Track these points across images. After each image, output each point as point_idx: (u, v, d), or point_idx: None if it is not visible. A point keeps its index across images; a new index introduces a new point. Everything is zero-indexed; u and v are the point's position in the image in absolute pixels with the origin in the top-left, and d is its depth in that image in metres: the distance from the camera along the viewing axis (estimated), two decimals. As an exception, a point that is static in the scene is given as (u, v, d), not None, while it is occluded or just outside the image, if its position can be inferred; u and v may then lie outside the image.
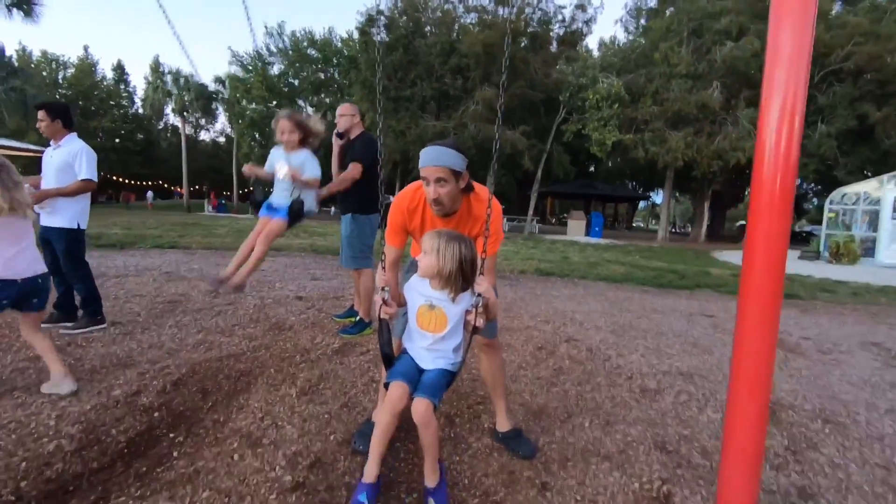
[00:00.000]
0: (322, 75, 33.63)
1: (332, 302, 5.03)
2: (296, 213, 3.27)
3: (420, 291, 1.76)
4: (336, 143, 3.91)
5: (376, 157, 3.72)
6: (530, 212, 21.66)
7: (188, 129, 39.65)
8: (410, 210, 1.98)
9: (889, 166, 17.38)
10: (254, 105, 31.78)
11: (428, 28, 19.05)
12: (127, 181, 39.90)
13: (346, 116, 3.80)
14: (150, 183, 43.54)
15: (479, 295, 1.67)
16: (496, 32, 16.56)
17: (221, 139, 51.87)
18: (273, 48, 33.75)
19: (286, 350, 3.30)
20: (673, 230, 48.85)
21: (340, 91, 33.11)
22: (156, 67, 35.12)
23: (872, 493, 1.97)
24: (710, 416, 2.66)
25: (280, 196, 3.29)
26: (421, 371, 1.74)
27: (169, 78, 34.48)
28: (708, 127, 18.45)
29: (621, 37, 27.77)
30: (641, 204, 54.83)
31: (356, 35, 28.31)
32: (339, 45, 33.64)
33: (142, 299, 4.52)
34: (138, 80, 46.63)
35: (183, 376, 2.73)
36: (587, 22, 18.77)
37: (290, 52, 33.25)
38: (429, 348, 1.74)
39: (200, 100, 35.57)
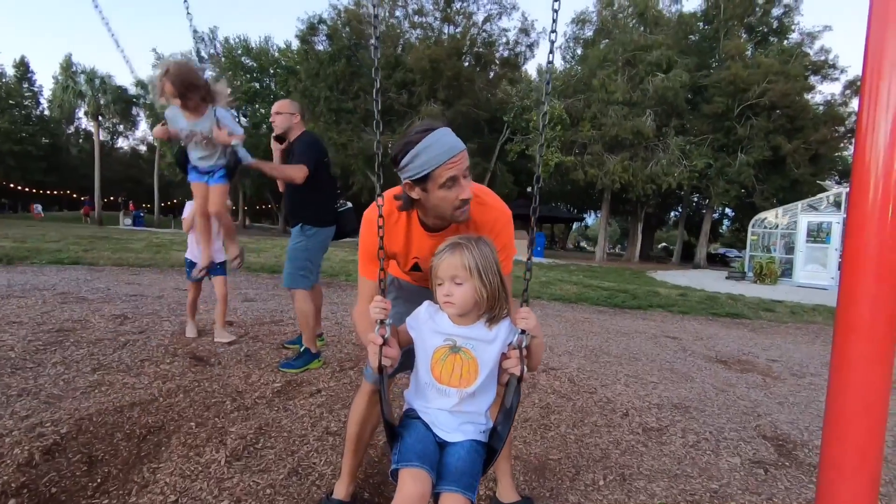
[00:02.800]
0: (257, 85, 32.09)
1: (269, 328, 4.31)
2: (233, 169, 3.18)
3: (435, 326, 1.22)
4: (276, 149, 3.30)
5: (323, 161, 3.17)
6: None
7: (103, 135, 36.25)
8: (388, 224, 1.40)
9: (798, 194, 19.03)
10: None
11: (372, 41, 18.57)
12: (27, 189, 35.68)
13: (284, 115, 3.19)
14: (55, 192, 39.24)
15: (524, 332, 1.16)
16: (442, 49, 16.45)
17: (142, 147, 48.05)
18: (204, 54, 31.86)
19: (212, 393, 2.59)
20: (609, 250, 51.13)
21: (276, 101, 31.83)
22: (67, 66, 31.89)
23: (948, 560, 1.66)
24: (730, 461, 2.30)
25: (205, 159, 3.10)
26: (441, 444, 1.19)
27: (82, 78, 31.45)
28: (642, 152, 19.33)
29: (559, 63, 28.88)
30: (574, 225, 57.03)
31: (295, 44, 27.36)
32: (276, 54, 32.37)
33: (19, 327, 3.56)
34: (45, 80, 42.38)
35: (62, 438, 1.98)
36: (530, 46, 19.24)
37: (224, 59, 31.51)
38: (452, 410, 1.20)
39: (118, 103, 32.67)
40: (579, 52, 26.47)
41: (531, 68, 37.91)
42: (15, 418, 2.14)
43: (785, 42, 22.28)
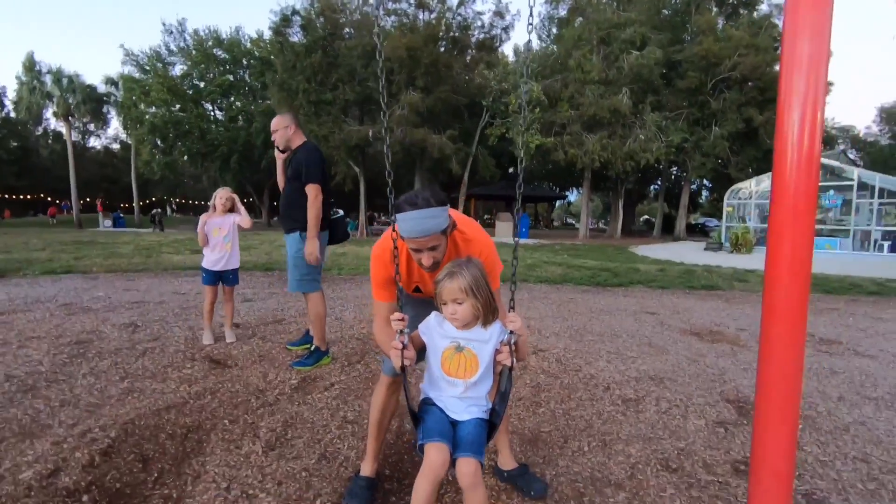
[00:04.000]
0: (231, 77, 31.50)
1: (274, 327, 4.57)
2: None
3: (443, 332, 1.52)
4: (279, 157, 3.53)
5: (325, 169, 3.42)
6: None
7: (74, 136, 35.34)
8: (394, 258, 1.72)
9: (770, 164, 19.54)
10: (153, 109, 28.98)
11: (347, 30, 18.48)
12: (-1, 195, 34.82)
13: (280, 131, 3.43)
14: (28, 197, 38.33)
15: (512, 332, 1.47)
16: (419, 36, 16.43)
17: (115, 146, 46.95)
18: (173, 47, 31.10)
19: (236, 393, 2.87)
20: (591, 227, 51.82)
21: (253, 93, 31.27)
22: (30, 66, 30.87)
23: (867, 491, 2.03)
24: (696, 423, 2.67)
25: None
26: (453, 423, 1.50)
27: (49, 78, 30.52)
28: (620, 130, 19.68)
29: (535, 44, 28.90)
30: (557, 203, 57.61)
31: (267, 35, 26.90)
32: (249, 45, 31.74)
33: (40, 342, 3.78)
34: (8, 81, 40.93)
35: (114, 441, 2.25)
36: (505, 28, 19.28)
37: (194, 51, 30.80)
38: (460, 397, 1.51)
39: (89, 102, 31.86)
40: (554, 31, 26.56)
41: (507, 50, 37.85)
42: (64, 427, 2.39)
43: (755, 14, 22.63)
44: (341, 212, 3.66)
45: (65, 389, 2.85)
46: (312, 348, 3.46)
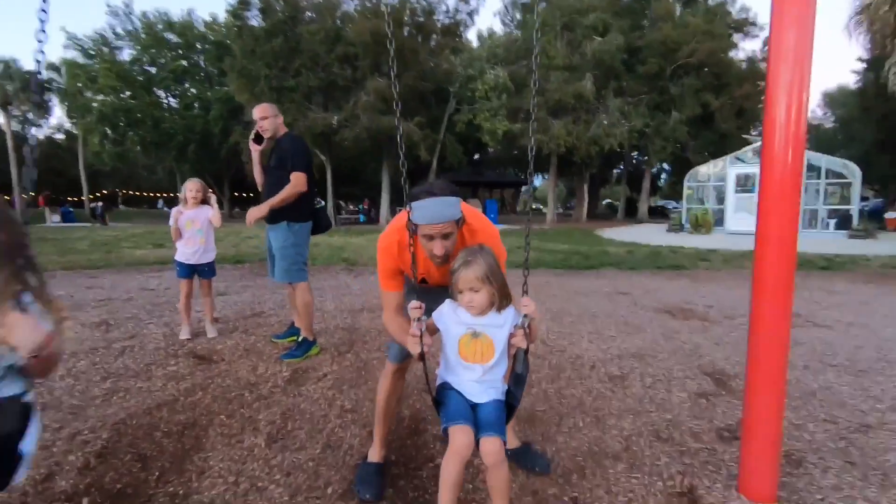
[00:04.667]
0: (185, 62, 30.06)
1: (255, 320, 4.49)
2: None
3: (458, 319, 1.55)
4: (254, 149, 3.43)
5: (310, 157, 3.37)
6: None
7: (14, 125, 33.02)
8: (402, 248, 1.73)
9: (726, 147, 20.42)
10: (101, 96, 27.38)
11: (308, 14, 17.90)
12: (-69, 191, 32.23)
13: (270, 118, 3.34)
14: (-35, 191, 35.70)
15: (526, 315, 1.52)
16: (383, 21, 16.05)
17: (60, 136, 44.17)
18: (120, 30, 29.34)
19: (228, 388, 2.82)
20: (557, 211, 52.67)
21: (209, 80, 29.98)
22: (-40, 50, 28.57)
23: (837, 449, 2.21)
24: (679, 396, 2.81)
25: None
26: (472, 406, 1.54)
27: (-18, 64, 28.38)
28: (584, 115, 20.02)
29: (499, 29, 28.88)
30: (523, 188, 58.22)
31: (222, 17, 25.78)
32: (203, 29, 30.33)
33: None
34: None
35: (108, 442, 2.18)
36: (470, 14, 19.17)
37: (143, 35, 29.17)
38: (479, 381, 1.55)
39: (28, 90, 29.80)
40: (518, 16, 26.59)
41: (472, 36, 37.61)
42: (50, 430, 2.30)
43: (710, 1, 23.32)
44: (323, 203, 3.62)
45: (43, 392, 2.73)
46: (300, 339, 3.43)
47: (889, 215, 18.56)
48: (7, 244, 1.01)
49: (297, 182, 3.20)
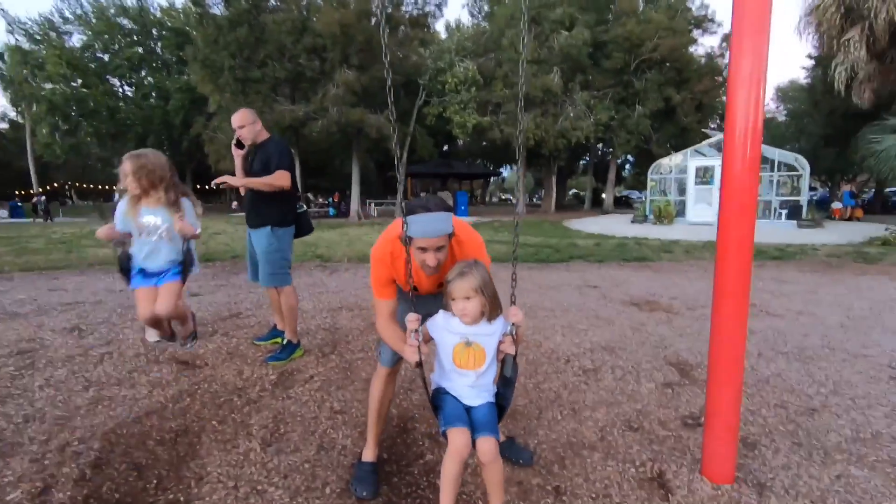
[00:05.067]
0: (140, 49, 28.74)
1: (233, 322, 4.49)
2: (188, 265, 2.83)
3: (452, 330, 1.67)
4: (237, 155, 3.42)
5: (293, 160, 3.40)
6: (399, 196, 21.78)
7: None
8: (395, 259, 1.85)
9: (687, 141, 21.19)
10: (50, 84, 25.92)
11: (273, 2, 17.41)
12: None
13: (248, 126, 3.34)
14: None
15: (513, 324, 1.65)
16: (351, 12, 15.86)
17: (3, 125, 41.57)
18: (68, 14, 27.79)
19: (216, 393, 2.86)
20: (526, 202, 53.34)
21: (167, 68, 28.83)
22: None
23: (787, 431, 2.45)
24: (648, 386, 3.03)
25: (157, 257, 2.73)
26: (466, 409, 1.66)
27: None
28: (552, 109, 20.36)
29: (466, 20, 28.87)
30: (491, 179, 58.71)
31: (180, 3, 24.81)
32: (159, 14, 29.07)
33: (-24, 355, 3.49)
34: None
35: (100, 453, 2.21)
36: (438, 5, 19.10)
37: (94, 20, 27.71)
38: (472, 385, 1.67)
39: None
40: (486, 8, 26.65)
41: (440, 27, 37.44)
42: (37, 443, 2.31)
43: (671, -3, 23.98)
44: (305, 206, 3.66)
45: (24, 404, 2.71)
46: (284, 342, 3.48)
47: (835, 205, 19.73)
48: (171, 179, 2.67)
49: (280, 176, 3.21)
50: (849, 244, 10.49)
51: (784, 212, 15.94)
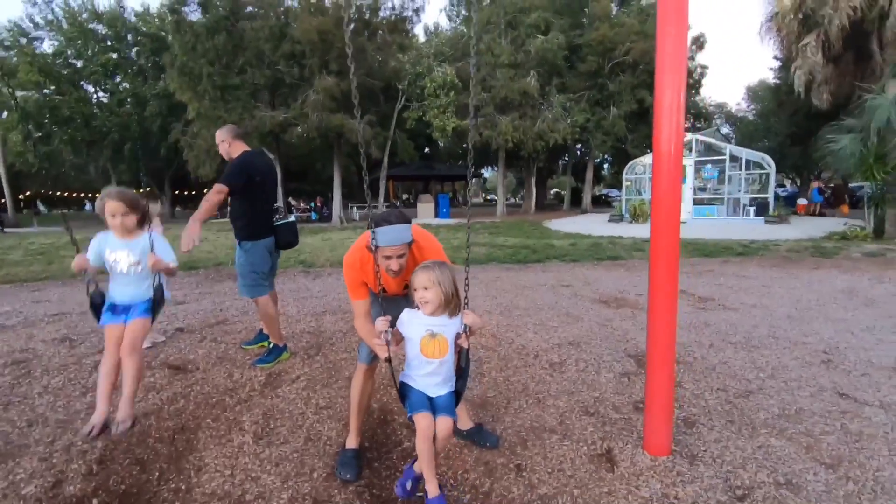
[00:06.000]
0: (115, 55, 28.34)
1: (220, 328, 4.68)
2: (158, 302, 2.70)
3: (418, 323, 1.92)
4: None
5: (253, 178, 3.47)
6: (381, 199, 21.96)
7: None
8: (363, 264, 2.15)
9: (660, 141, 21.75)
10: (22, 92, 25.42)
11: (250, 9, 17.47)
12: None
13: (219, 145, 3.61)
14: None
15: (466, 325, 1.93)
16: (329, 19, 16.01)
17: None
18: (39, 19, 27.29)
19: (209, 394, 3.07)
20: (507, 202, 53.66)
21: (144, 75, 28.48)
22: None
23: (724, 411, 2.77)
24: (606, 376, 3.33)
25: (127, 292, 2.62)
26: (429, 398, 1.92)
27: None
28: (530, 111, 20.78)
29: (444, 24, 29.20)
30: (473, 180, 59.14)
31: (154, 9, 24.58)
32: (134, 19, 28.70)
33: (-28, 366, 3.63)
34: None
35: (104, 450, 2.41)
36: (416, 11, 19.37)
37: (66, 25, 27.26)
38: (433, 373, 1.93)
39: (-66, 84, 27.14)
40: (464, 12, 27.00)
41: (419, 32, 37.65)
42: (43, 444, 2.50)
43: (643, 1, 24.63)
44: (292, 218, 3.84)
45: (25, 410, 2.89)
46: (271, 346, 3.70)
47: (800, 201, 20.54)
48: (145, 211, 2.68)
49: (213, 191, 3.27)
50: (809, 239, 11.05)
51: (753, 208, 16.58)
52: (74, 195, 44.71)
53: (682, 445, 2.37)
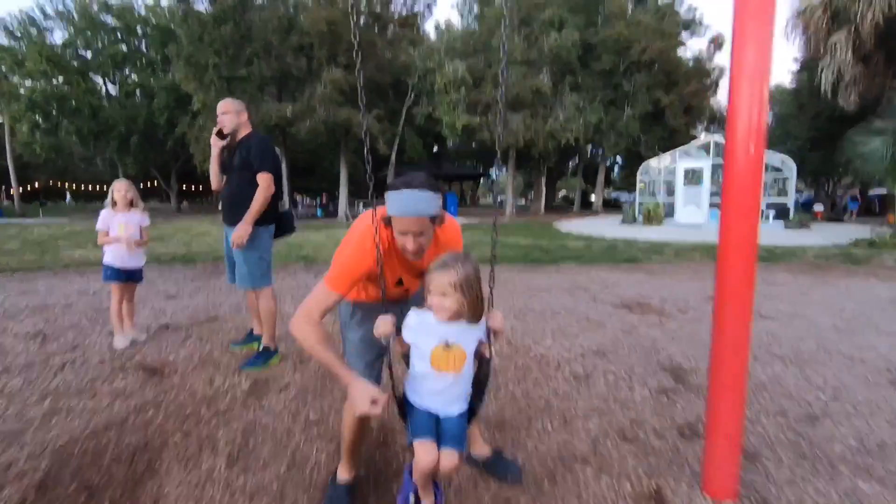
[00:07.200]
0: (124, 47, 28.17)
1: (209, 326, 4.29)
2: None
3: (430, 332, 1.50)
4: (216, 144, 3.23)
5: (277, 158, 3.24)
6: (372, 198, 21.58)
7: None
8: (374, 248, 1.60)
9: (675, 142, 21.26)
10: (30, 82, 25.29)
11: (259, 1, 17.12)
12: None
13: (230, 114, 3.17)
14: None
15: (493, 332, 1.52)
16: (339, 10, 15.65)
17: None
18: (49, 10, 27.18)
19: (183, 404, 2.67)
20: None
21: (152, 67, 28.29)
22: None
23: (789, 441, 2.33)
24: (641, 393, 2.89)
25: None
26: (437, 418, 1.51)
27: None
28: (542, 110, 20.32)
29: (456, 21, 28.81)
30: (481, 180, 58.69)
31: (165, 1, 24.38)
32: (144, 12, 28.53)
33: (-74, 363, 3.25)
34: None
35: (48, 471, 2.01)
36: (428, 5, 18.97)
37: (76, 16, 27.12)
38: (444, 391, 1.52)
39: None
40: (476, 9, 26.56)
41: (430, 27, 37.32)
42: (-19, 461, 2.10)
43: (660, 0, 24.13)
44: (287, 205, 3.49)
45: (-30, 417, 2.49)
46: (261, 348, 3.29)
47: (817, 207, 19.94)
48: None
49: (265, 184, 3.09)
50: (835, 246, 10.52)
51: (772, 213, 16.03)
52: (83, 187, 44.82)
53: (748, 487, 1.93)
